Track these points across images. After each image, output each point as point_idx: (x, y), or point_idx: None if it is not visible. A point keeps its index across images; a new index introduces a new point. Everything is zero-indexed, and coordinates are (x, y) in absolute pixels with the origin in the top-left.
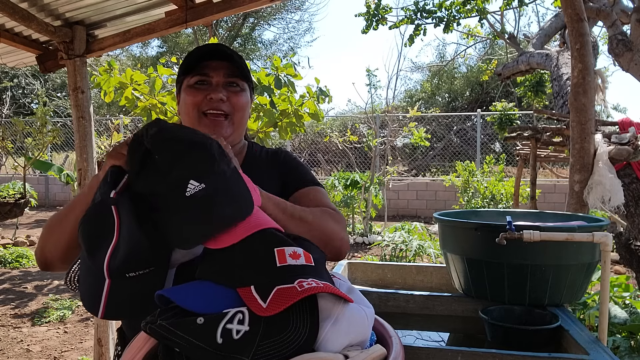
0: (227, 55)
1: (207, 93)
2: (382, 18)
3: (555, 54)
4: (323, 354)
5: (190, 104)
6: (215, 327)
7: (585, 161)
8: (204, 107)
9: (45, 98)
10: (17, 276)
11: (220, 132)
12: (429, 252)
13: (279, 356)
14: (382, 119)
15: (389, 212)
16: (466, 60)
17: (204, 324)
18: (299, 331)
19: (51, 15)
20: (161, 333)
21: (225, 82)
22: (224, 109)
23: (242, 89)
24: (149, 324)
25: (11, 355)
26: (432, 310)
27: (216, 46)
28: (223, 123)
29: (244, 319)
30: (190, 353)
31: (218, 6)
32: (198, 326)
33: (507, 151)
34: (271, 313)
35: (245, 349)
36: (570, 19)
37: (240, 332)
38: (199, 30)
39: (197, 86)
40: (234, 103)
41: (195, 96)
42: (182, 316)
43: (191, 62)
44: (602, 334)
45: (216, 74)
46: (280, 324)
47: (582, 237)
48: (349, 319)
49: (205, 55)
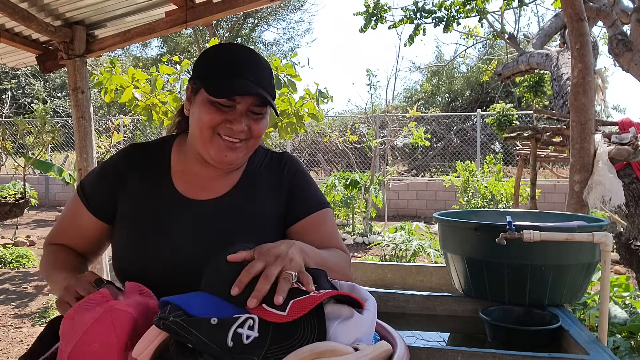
0: (258, 79)
1: (228, 118)
2: (381, 17)
3: (555, 54)
4: (335, 344)
5: (206, 123)
6: (227, 329)
7: (585, 161)
8: (221, 131)
9: (43, 95)
10: (17, 276)
11: (232, 156)
12: (429, 252)
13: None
14: (382, 119)
15: (389, 212)
16: (466, 60)
17: (217, 325)
18: (306, 338)
19: (51, 15)
20: (174, 329)
21: (250, 109)
22: (242, 137)
23: (264, 114)
24: (162, 320)
25: (11, 355)
26: (432, 310)
27: (249, 62)
28: (238, 147)
29: (254, 325)
30: (202, 349)
31: (218, 6)
32: (211, 326)
33: (506, 151)
34: (293, 318)
35: (255, 351)
36: (570, 19)
37: (250, 338)
38: (199, 30)
39: (219, 106)
40: (254, 131)
41: (213, 117)
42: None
43: (217, 77)
44: (602, 334)
45: (243, 99)
46: (289, 332)
47: (582, 237)
48: (357, 317)
49: (234, 77)
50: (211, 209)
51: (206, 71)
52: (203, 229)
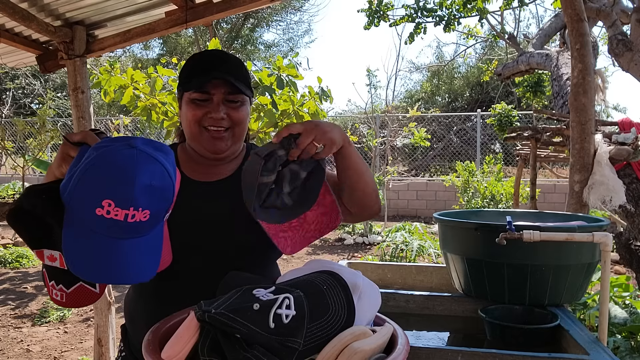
0: (228, 71)
1: (208, 110)
2: (383, 15)
3: (555, 54)
4: (364, 328)
5: (191, 120)
6: (268, 312)
7: (585, 161)
8: (205, 123)
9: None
10: (17, 276)
11: (221, 144)
12: (430, 252)
13: (326, 338)
14: (382, 119)
15: (389, 212)
16: (466, 60)
17: (259, 310)
18: (338, 313)
19: (51, 15)
20: (222, 320)
21: (226, 98)
22: (225, 125)
23: (242, 103)
24: (207, 313)
25: (11, 355)
26: (432, 310)
27: (217, 58)
28: (224, 136)
29: (290, 304)
30: (249, 338)
31: (218, 6)
32: (254, 312)
33: (506, 151)
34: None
35: (297, 333)
36: (570, 19)
37: (289, 317)
38: (199, 31)
39: (198, 102)
40: (234, 118)
41: (196, 112)
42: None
43: (192, 76)
44: (602, 334)
45: (217, 91)
46: (322, 308)
47: (582, 237)
48: (368, 295)
49: (206, 72)
50: (215, 189)
51: (183, 76)
52: (209, 205)
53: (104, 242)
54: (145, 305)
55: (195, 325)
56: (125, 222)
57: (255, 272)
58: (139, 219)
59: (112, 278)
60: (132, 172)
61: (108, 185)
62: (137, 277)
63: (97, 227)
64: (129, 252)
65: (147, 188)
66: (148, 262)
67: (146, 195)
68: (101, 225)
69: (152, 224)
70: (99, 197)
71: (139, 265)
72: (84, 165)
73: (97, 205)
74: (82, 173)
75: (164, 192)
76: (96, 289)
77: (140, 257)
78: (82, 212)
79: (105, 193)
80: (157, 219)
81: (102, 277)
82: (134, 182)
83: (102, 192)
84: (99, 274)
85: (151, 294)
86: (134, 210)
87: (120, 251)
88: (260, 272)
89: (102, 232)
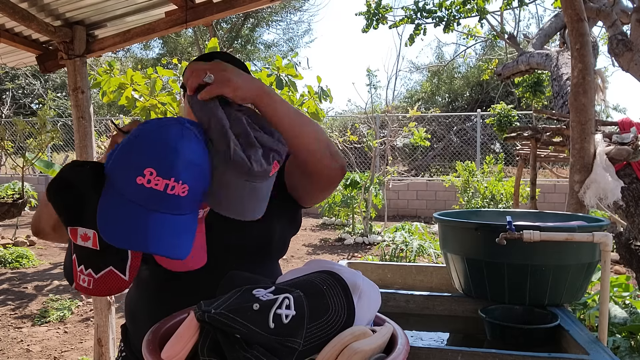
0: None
1: None
2: (382, 17)
3: (555, 54)
4: (364, 327)
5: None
6: (268, 312)
7: (585, 161)
8: None
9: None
10: (17, 276)
11: None
12: (430, 252)
13: (326, 338)
14: (382, 119)
15: (389, 212)
16: (466, 60)
17: (258, 310)
18: (338, 313)
19: (51, 15)
20: (221, 320)
21: None
22: None
23: None
24: (206, 313)
25: (11, 355)
26: (432, 310)
27: (223, 58)
28: None
29: (290, 304)
30: (249, 338)
31: (218, 6)
32: (254, 312)
33: (506, 151)
34: None
35: (297, 333)
36: (570, 19)
37: (288, 317)
38: (199, 31)
39: None
40: None
41: None
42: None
43: None
44: (602, 334)
45: None
46: (322, 308)
47: (582, 237)
48: (368, 295)
49: None
50: None
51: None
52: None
53: (141, 212)
54: (147, 304)
55: (195, 325)
56: (165, 193)
57: (256, 272)
58: (178, 193)
59: (144, 246)
60: (177, 144)
61: (152, 153)
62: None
63: (136, 197)
64: (163, 226)
65: (189, 163)
66: (180, 243)
67: (188, 169)
68: (140, 195)
69: (188, 202)
70: (142, 165)
71: (170, 243)
72: (131, 135)
73: (139, 174)
74: (128, 141)
75: (203, 170)
76: (125, 277)
77: (172, 236)
78: (123, 180)
79: (149, 161)
80: (194, 198)
81: (133, 244)
82: (178, 153)
83: (146, 160)
84: (130, 240)
85: (153, 293)
86: (174, 181)
87: (155, 223)
88: (261, 271)
89: (140, 203)
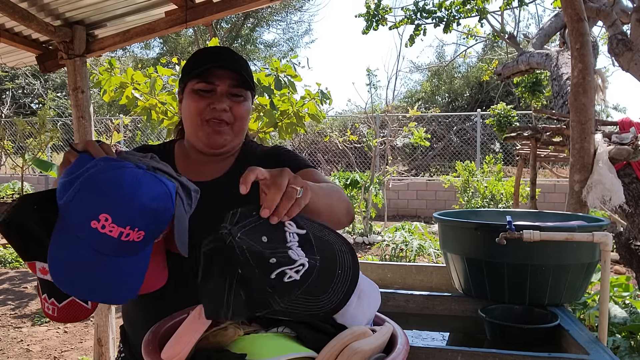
0: (234, 63)
1: (211, 102)
2: (382, 18)
3: (555, 54)
4: (364, 327)
5: (193, 111)
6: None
7: (585, 161)
8: (207, 115)
9: (49, 101)
10: (17, 276)
11: (220, 139)
12: (430, 252)
13: (305, 314)
14: (382, 118)
15: (389, 212)
16: (466, 60)
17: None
18: (331, 299)
19: (51, 15)
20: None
21: (230, 91)
22: (226, 118)
23: (245, 98)
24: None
25: (11, 355)
26: (432, 310)
27: (223, 51)
28: (224, 130)
29: (300, 272)
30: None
31: (218, 6)
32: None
33: (506, 151)
34: None
35: (285, 295)
36: (570, 19)
37: (291, 279)
38: (199, 30)
39: (202, 93)
40: (236, 113)
41: (198, 103)
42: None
43: (197, 66)
44: (602, 334)
45: (222, 82)
46: (322, 287)
47: (582, 237)
48: (368, 294)
49: (212, 61)
50: (209, 189)
51: (188, 67)
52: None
53: (90, 256)
54: (145, 306)
55: (195, 325)
56: (118, 240)
57: None
58: (133, 239)
59: (89, 294)
60: (136, 191)
61: (109, 199)
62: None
63: (89, 240)
64: (112, 270)
65: (148, 209)
66: (129, 283)
67: (145, 216)
68: (92, 239)
69: (142, 245)
70: (97, 210)
71: (119, 284)
72: (87, 175)
73: (93, 218)
74: (84, 182)
75: (163, 215)
76: (88, 305)
77: (121, 277)
78: (76, 223)
79: (105, 207)
80: (148, 241)
81: (79, 291)
82: (135, 201)
83: (102, 205)
84: (77, 287)
85: (150, 296)
86: (130, 229)
87: (104, 268)
88: None
89: (92, 247)
